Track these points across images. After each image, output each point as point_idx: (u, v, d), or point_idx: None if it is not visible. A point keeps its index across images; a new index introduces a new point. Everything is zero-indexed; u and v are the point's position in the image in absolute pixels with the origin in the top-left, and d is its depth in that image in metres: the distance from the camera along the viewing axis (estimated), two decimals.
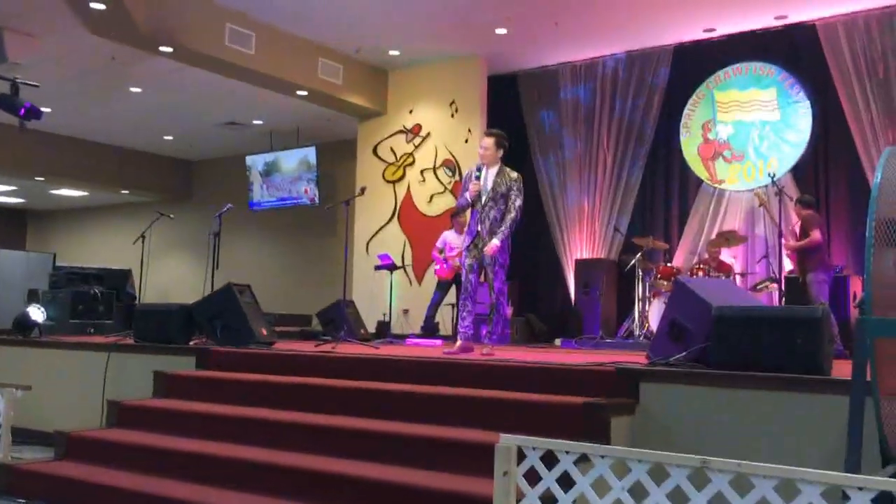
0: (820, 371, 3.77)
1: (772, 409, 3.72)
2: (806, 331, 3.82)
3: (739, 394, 3.81)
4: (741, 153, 10.07)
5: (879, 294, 2.76)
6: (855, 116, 9.14)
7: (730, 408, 3.82)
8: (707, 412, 3.88)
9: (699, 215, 10.26)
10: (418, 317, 10.93)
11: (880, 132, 8.95)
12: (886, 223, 2.74)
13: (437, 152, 11.36)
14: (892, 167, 2.87)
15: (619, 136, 10.75)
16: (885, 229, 2.75)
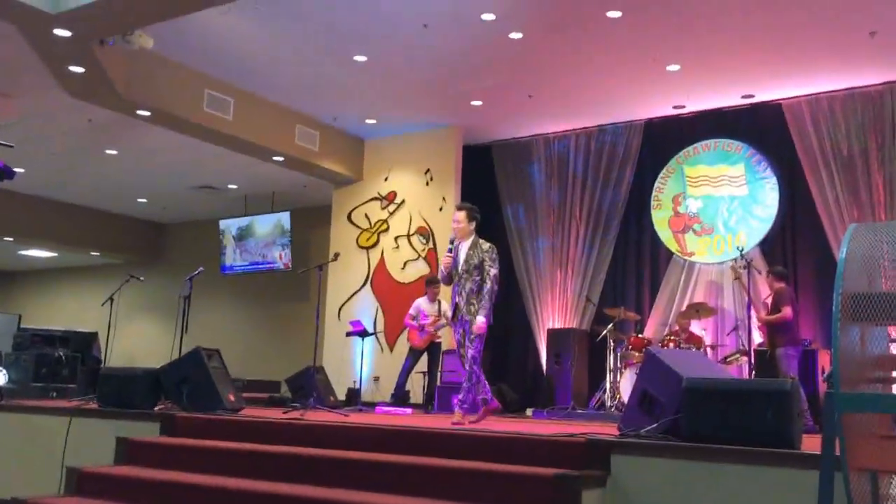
0: (790, 445, 3.78)
1: (742, 482, 3.70)
2: (776, 404, 3.83)
3: (710, 467, 3.79)
4: (711, 227, 10.25)
5: (847, 369, 2.79)
6: (820, 193, 9.37)
7: (701, 480, 3.80)
8: (678, 484, 3.85)
9: (670, 287, 10.37)
10: (389, 384, 10.82)
11: (845, 209, 9.17)
12: (852, 298, 2.78)
13: (411, 219, 11.43)
14: (857, 243, 2.93)
15: (591, 208, 10.91)
16: (851, 304, 2.79)
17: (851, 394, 2.73)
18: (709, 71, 9.13)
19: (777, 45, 8.44)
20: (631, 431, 4.33)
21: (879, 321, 2.94)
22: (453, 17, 8.07)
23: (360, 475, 4.42)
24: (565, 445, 4.27)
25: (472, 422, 6.11)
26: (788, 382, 3.97)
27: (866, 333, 2.94)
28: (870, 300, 2.81)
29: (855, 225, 3.00)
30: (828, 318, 8.35)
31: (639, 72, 9.20)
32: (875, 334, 2.98)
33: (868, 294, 2.84)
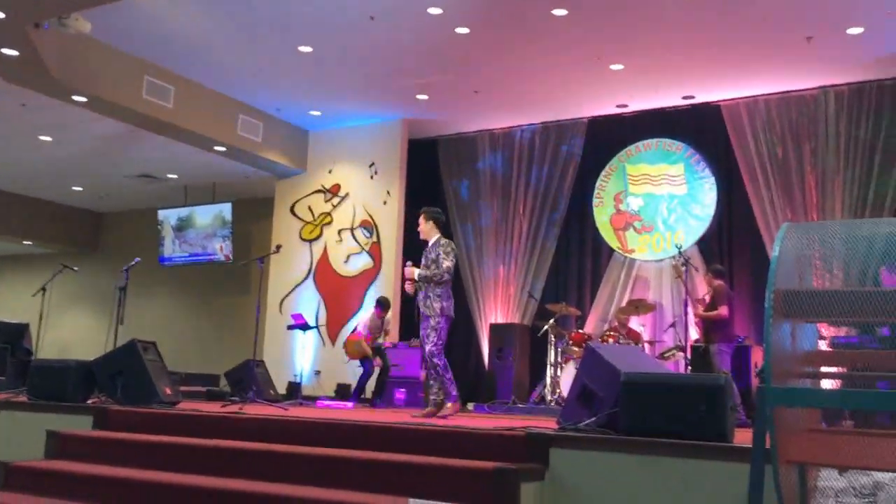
0: (723, 438, 3.86)
1: (676, 474, 3.77)
2: (710, 398, 3.91)
3: (646, 459, 3.85)
4: (651, 224, 10.42)
5: (778, 364, 2.86)
6: (756, 193, 9.61)
7: (636, 473, 3.86)
8: (614, 477, 3.91)
9: (610, 283, 10.52)
10: (330, 378, 10.76)
11: (779, 209, 9.42)
12: (784, 295, 2.85)
13: (355, 212, 11.37)
14: (790, 242, 3.01)
15: (534, 204, 10.99)
16: (783, 301, 2.86)
17: (782, 388, 2.81)
18: (651, 71, 9.28)
19: (717, 48, 8.62)
20: (570, 425, 4.38)
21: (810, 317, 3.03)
22: (400, 9, 8.04)
23: (298, 469, 4.38)
24: (505, 439, 4.29)
25: (421, 416, 6.13)
26: (722, 377, 4.06)
27: (797, 329, 3.02)
28: (800, 297, 2.88)
29: (787, 224, 3.08)
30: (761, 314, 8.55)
31: (583, 70, 9.29)
32: (805, 330, 3.06)
33: (799, 291, 2.92)
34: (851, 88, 9.26)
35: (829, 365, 3.26)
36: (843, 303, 2.87)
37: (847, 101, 9.27)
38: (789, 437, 2.91)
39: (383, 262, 11.08)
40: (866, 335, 3.10)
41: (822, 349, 3.25)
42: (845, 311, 2.89)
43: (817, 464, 3.04)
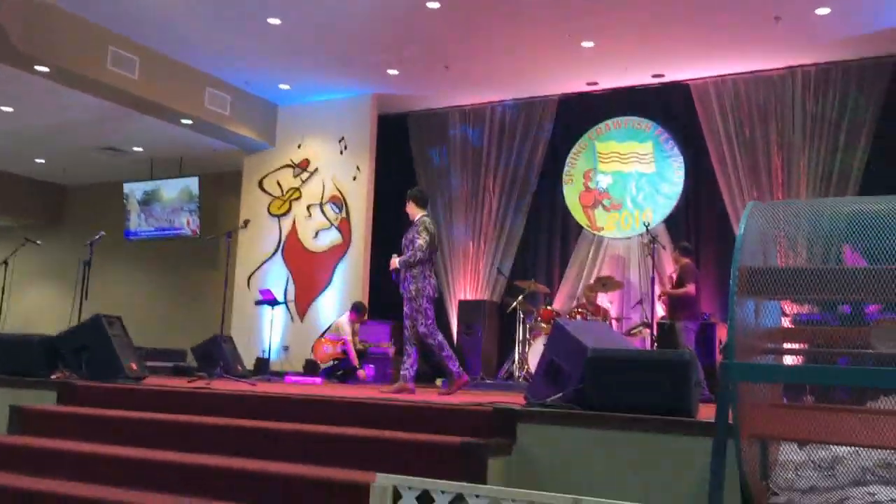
0: (687, 413, 3.92)
1: (641, 449, 3.83)
2: (674, 374, 3.97)
3: (611, 434, 3.90)
4: (619, 202, 10.48)
5: (742, 340, 2.90)
6: (723, 172, 9.70)
7: (602, 447, 3.91)
8: (580, 452, 3.96)
9: (579, 261, 10.58)
10: (299, 354, 10.74)
11: (745, 187, 9.52)
12: (748, 273, 2.89)
13: (324, 188, 11.29)
14: (755, 221, 3.04)
15: (504, 181, 11.00)
16: (747, 279, 2.90)
17: (745, 364, 2.85)
18: (621, 49, 9.29)
19: (687, 27, 8.64)
20: (537, 401, 4.42)
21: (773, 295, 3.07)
22: None
23: (266, 444, 4.37)
24: (473, 415, 4.32)
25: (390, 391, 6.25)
26: (687, 353, 4.11)
27: (761, 307, 3.06)
28: (764, 275, 2.92)
29: (753, 203, 3.11)
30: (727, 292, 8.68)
31: (554, 47, 9.28)
32: (769, 308, 3.11)
33: (763, 269, 2.96)
34: (818, 69, 9.36)
35: (791, 341, 3.32)
36: (806, 281, 2.91)
37: (813, 82, 9.36)
38: (751, 411, 2.96)
39: (353, 237, 11.04)
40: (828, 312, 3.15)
41: (784, 326, 3.30)
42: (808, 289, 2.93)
43: (778, 438, 3.10)
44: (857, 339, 2.86)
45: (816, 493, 2.97)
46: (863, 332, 2.83)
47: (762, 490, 3.04)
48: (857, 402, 3.00)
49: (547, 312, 9.54)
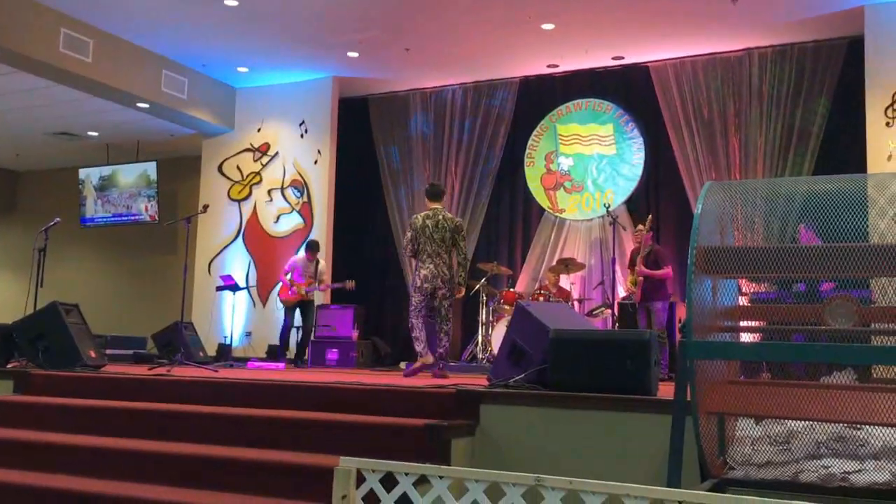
0: (647, 392, 3.98)
1: (602, 428, 3.88)
2: (635, 354, 4.03)
3: (573, 414, 3.95)
4: (580, 184, 10.55)
5: (700, 319, 2.95)
6: (682, 153, 9.80)
7: (564, 427, 3.96)
8: (543, 432, 4.00)
9: (541, 243, 10.64)
10: (262, 339, 10.68)
11: (704, 169, 9.63)
12: (705, 252, 2.94)
13: (285, 172, 11.20)
14: (712, 200, 3.09)
15: (466, 164, 11.00)
16: (705, 258, 2.94)
17: (703, 342, 2.90)
18: (582, 31, 9.31)
19: (646, 9, 8.69)
20: (500, 382, 4.45)
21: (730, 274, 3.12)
22: None
23: (228, 430, 4.35)
24: (436, 396, 4.34)
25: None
26: (647, 333, 4.17)
27: (718, 285, 3.11)
28: (721, 253, 2.97)
29: (710, 183, 3.15)
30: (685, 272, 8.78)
31: (514, 29, 9.27)
32: (726, 286, 3.16)
33: (720, 248, 3.00)
34: (774, 50, 9.48)
35: (748, 319, 3.37)
36: (763, 259, 2.96)
37: (770, 63, 9.49)
38: (709, 389, 3.01)
39: (314, 222, 10.97)
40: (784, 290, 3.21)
41: (741, 304, 3.36)
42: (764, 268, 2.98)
43: (735, 413, 3.17)
44: (812, 317, 2.92)
45: (772, 466, 3.04)
46: (817, 309, 2.90)
47: (720, 465, 3.10)
48: (812, 378, 3.07)
49: (509, 294, 9.59)
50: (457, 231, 7.00)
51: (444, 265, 6.93)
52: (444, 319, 6.96)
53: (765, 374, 3.27)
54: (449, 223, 6.99)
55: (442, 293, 6.91)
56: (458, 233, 7.00)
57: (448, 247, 6.96)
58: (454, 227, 7.00)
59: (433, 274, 6.90)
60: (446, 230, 6.95)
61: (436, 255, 6.93)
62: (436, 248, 6.93)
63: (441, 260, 6.92)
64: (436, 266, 6.91)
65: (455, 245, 6.99)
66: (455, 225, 7.03)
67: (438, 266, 6.91)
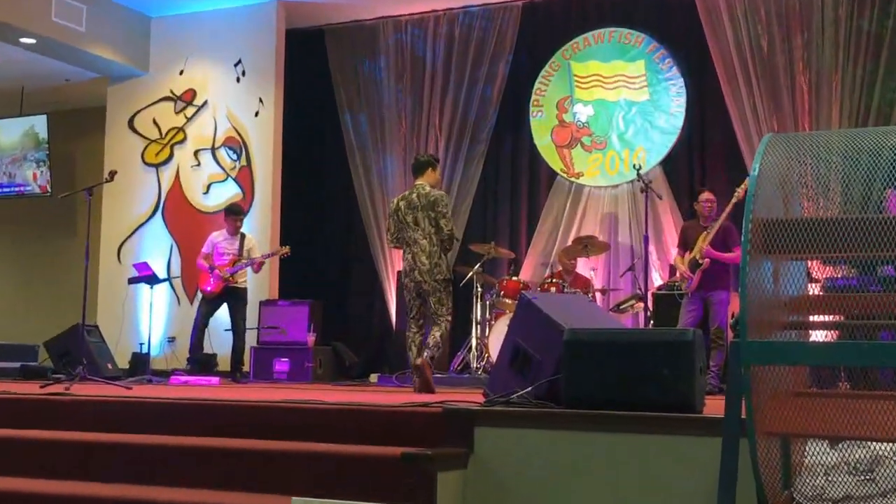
0: (690, 408, 4.00)
1: (632, 456, 3.89)
2: (674, 358, 4.03)
3: (593, 438, 3.96)
4: (603, 140, 10.55)
5: (757, 313, 2.95)
6: (734, 98, 9.79)
7: (583, 454, 3.97)
8: (556, 460, 4.01)
9: (552, 217, 10.64)
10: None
11: (763, 117, 9.64)
12: (765, 226, 2.93)
13: (217, 127, 11.15)
14: (773, 158, 3.08)
15: (454, 116, 10.97)
16: (764, 233, 2.93)
17: (761, 342, 2.90)
18: None
19: None
20: (499, 397, 4.46)
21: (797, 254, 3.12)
22: None
23: (145, 465, 4.34)
24: (417, 417, 4.35)
25: None
26: (690, 332, 4.18)
27: (781, 269, 3.11)
28: (786, 228, 2.96)
29: (771, 135, 3.14)
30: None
31: None
32: (791, 270, 3.16)
33: (784, 220, 3.00)
34: None
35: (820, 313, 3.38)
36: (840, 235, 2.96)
37: None
38: (770, 403, 3.02)
39: (256, 192, 10.93)
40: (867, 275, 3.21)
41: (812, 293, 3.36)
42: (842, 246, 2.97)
43: (804, 435, 3.17)
44: None
45: (852, 502, 3.06)
46: None
47: (785, 500, 3.12)
48: None
49: (512, 284, 9.59)
50: (433, 206, 7.16)
51: (423, 253, 7.10)
52: (435, 316, 7.19)
53: (843, 383, 3.28)
54: (424, 199, 7.18)
55: (426, 287, 7.11)
56: (434, 208, 7.16)
57: (427, 229, 7.15)
58: (430, 202, 7.16)
59: (410, 266, 7.16)
60: (419, 208, 7.15)
61: (413, 242, 7.17)
62: (411, 234, 7.17)
63: (418, 247, 7.12)
64: (413, 256, 7.14)
65: (437, 224, 7.16)
66: (430, 199, 7.18)
67: (416, 256, 7.12)
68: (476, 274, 9.83)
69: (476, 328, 9.82)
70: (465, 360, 9.87)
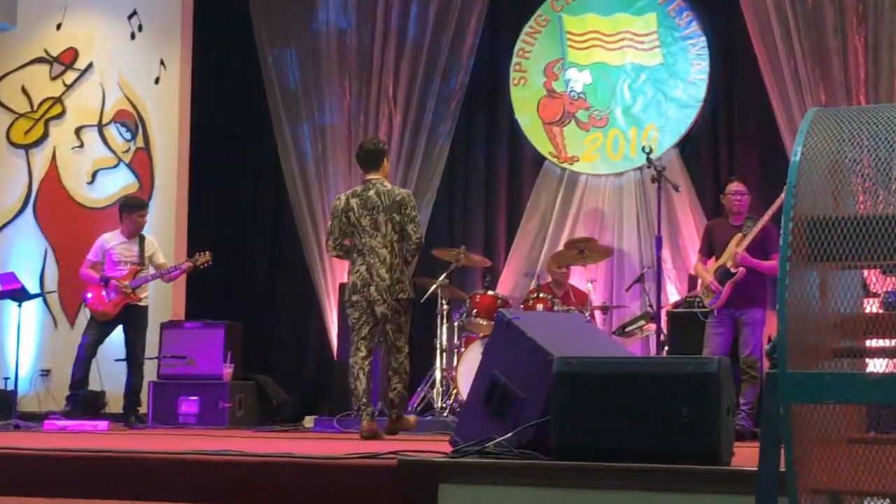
0: (714, 458, 4.01)
1: None
2: (693, 395, 4.04)
3: (593, 497, 3.96)
4: (604, 115, 10.56)
5: (799, 336, 2.96)
6: (772, 62, 9.84)
7: None
8: None
9: (539, 214, 10.64)
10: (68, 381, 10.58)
11: (808, 86, 9.69)
12: (810, 225, 2.94)
13: (105, 97, 11.08)
14: (819, 139, 3.10)
15: (411, 84, 10.95)
16: (808, 235, 2.95)
17: (805, 374, 2.91)
18: None
19: None
20: (471, 446, 4.44)
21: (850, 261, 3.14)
22: None
23: None
24: (363, 473, 4.33)
25: None
26: (714, 362, 4.19)
27: (830, 280, 3.13)
28: (836, 228, 2.98)
29: (816, 110, 3.16)
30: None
31: None
32: (842, 281, 3.17)
33: (833, 219, 3.01)
34: None
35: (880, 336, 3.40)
36: None
37: None
38: (817, 451, 3.03)
39: (156, 180, 10.87)
40: None
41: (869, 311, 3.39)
42: None
43: (860, 493, 3.19)
44: None
45: None
46: None
47: None
48: None
49: (487, 300, 9.58)
50: (399, 208, 7.23)
51: (383, 265, 7.16)
52: (392, 349, 7.28)
53: None
54: (386, 198, 7.23)
55: (382, 310, 7.17)
56: (401, 209, 7.23)
57: (388, 235, 7.22)
58: (395, 203, 7.22)
59: (363, 280, 7.18)
60: (380, 209, 7.19)
61: (369, 250, 7.20)
62: (367, 241, 7.21)
63: (376, 257, 7.17)
64: (369, 268, 7.17)
65: (402, 230, 7.22)
66: (395, 199, 7.25)
67: (373, 267, 7.16)
68: (441, 287, 9.81)
69: (441, 357, 9.79)
70: (426, 397, 9.85)
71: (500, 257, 10.69)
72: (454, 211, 11.05)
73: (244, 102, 11.61)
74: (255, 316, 11.07)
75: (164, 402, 9.65)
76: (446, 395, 9.58)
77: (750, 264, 7.87)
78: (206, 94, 11.17)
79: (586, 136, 10.64)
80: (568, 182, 10.66)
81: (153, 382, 9.79)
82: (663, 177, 9.05)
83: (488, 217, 10.98)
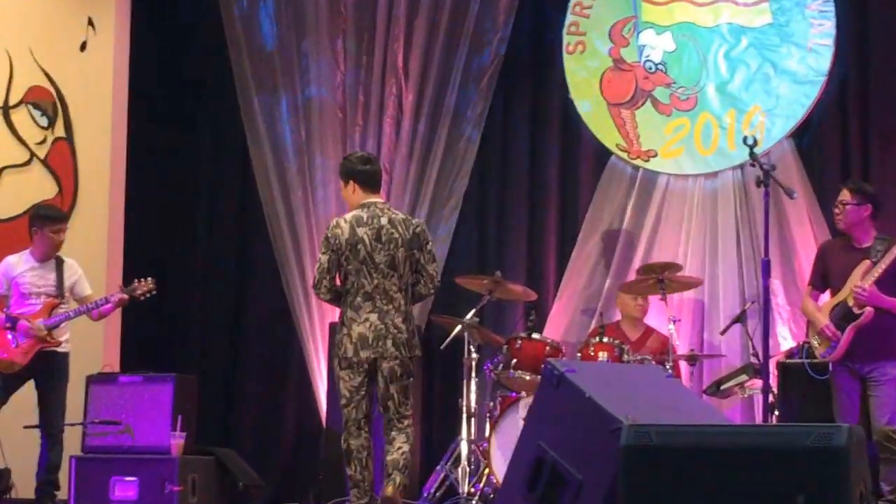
0: None
1: None
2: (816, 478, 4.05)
3: None
4: (691, 95, 10.59)
5: None
6: None
7: None
8: None
9: (603, 228, 10.67)
10: None
11: None
12: None
13: (13, 72, 11.17)
14: None
15: (428, 51, 11.02)
16: None
17: None
18: None
19: None
20: None
21: None
22: None
23: None
24: None
25: None
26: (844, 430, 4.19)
27: None
28: None
29: None
30: None
31: None
32: None
33: None
34: None
35: None
36: None
37: None
38: None
39: (81, 183, 10.94)
40: None
41: None
42: None
43: None
44: None
45: None
46: None
47: None
48: None
49: (531, 347, 9.60)
50: (419, 242, 7.41)
51: (398, 313, 7.29)
52: (396, 416, 7.33)
53: None
54: (402, 228, 7.36)
55: (390, 367, 7.26)
56: (421, 246, 7.43)
57: (405, 276, 7.36)
58: (415, 237, 7.39)
59: (378, 332, 7.24)
60: (399, 244, 7.31)
61: (381, 294, 7.30)
62: (380, 282, 7.30)
63: (391, 304, 7.30)
64: (381, 316, 7.26)
65: (419, 271, 7.41)
66: (416, 230, 7.44)
67: (387, 315, 7.26)
68: (469, 329, 9.83)
69: (469, 424, 9.81)
70: (447, 479, 9.86)
71: (549, 288, 10.72)
72: (486, 225, 11.08)
73: (200, 73, 11.67)
74: (214, 367, 11.11)
75: (92, 484, 9.66)
76: (475, 476, 9.60)
77: (880, 303, 7.78)
78: (149, 64, 11.22)
79: (667, 123, 10.66)
80: (642, 185, 10.69)
81: (76, 457, 9.81)
82: (772, 178, 9.06)
83: (532, 233, 11.00)
